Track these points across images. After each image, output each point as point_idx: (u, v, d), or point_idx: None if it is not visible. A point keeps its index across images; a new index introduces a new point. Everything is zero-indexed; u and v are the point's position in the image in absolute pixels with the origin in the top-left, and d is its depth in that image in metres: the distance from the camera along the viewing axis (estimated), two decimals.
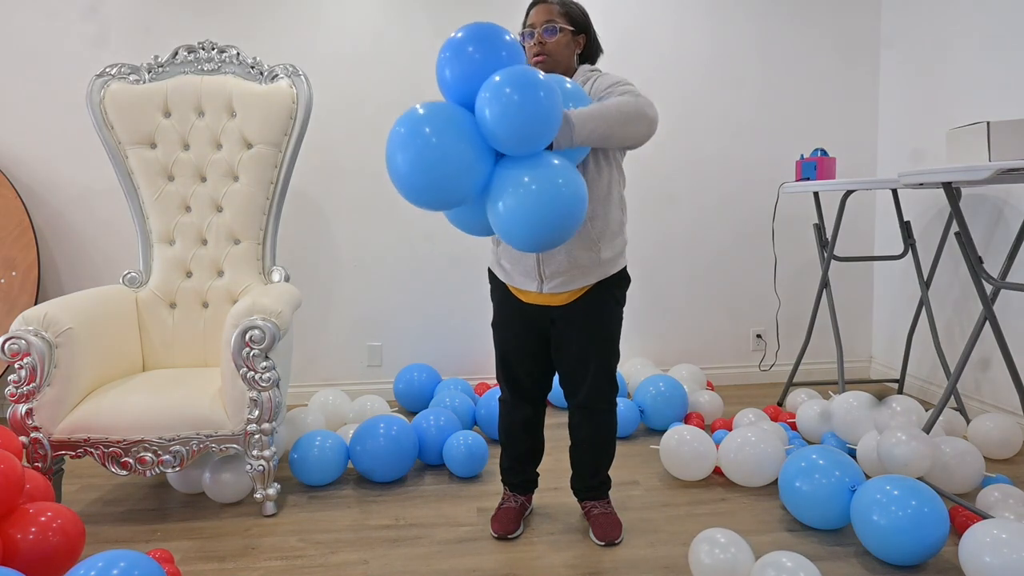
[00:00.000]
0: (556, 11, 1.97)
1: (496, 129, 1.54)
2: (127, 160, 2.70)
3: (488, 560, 2.02)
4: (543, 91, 1.53)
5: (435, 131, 1.54)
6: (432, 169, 1.54)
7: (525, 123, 1.52)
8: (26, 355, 2.15)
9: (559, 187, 1.56)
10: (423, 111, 1.58)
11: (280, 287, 2.57)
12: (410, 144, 1.55)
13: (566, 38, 1.97)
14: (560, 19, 1.96)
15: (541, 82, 1.54)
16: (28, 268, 3.23)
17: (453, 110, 1.60)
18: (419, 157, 1.54)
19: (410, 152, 1.54)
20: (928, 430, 2.38)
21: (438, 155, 1.53)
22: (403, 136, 1.56)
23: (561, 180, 1.56)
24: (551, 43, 1.95)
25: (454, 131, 1.56)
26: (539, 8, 1.98)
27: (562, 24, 1.96)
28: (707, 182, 3.70)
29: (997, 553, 1.66)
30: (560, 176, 1.57)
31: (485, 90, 1.55)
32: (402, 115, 1.60)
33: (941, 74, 3.24)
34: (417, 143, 1.54)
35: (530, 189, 1.55)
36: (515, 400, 2.16)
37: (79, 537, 1.80)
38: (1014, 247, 2.64)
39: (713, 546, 1.79)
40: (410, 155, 1.54)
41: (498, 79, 1.54)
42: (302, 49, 3.41)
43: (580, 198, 1.59)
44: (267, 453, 2.28)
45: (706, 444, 2.48)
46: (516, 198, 1.55)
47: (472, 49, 1.62)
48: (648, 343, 3.74)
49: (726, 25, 3.63)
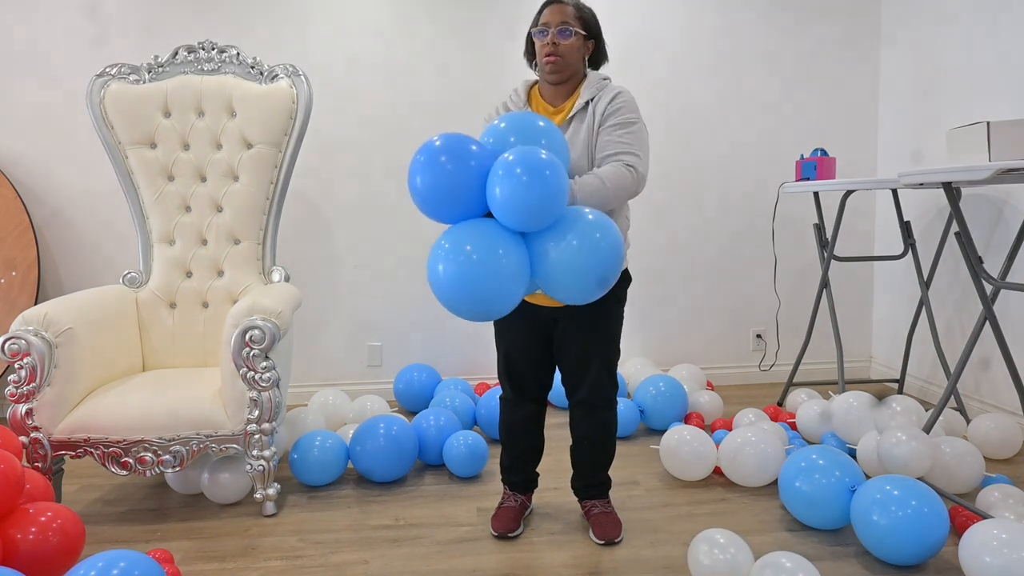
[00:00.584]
0: (571, 13, 1.96)
1: (515, 212, 1.58)
2: (127, 160, 2.70)
3: (488, 560, 2.02)
4: (549, 171, 1.57)
5: (476, 250, 1.58)
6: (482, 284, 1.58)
7: (540, 202, 1.57)
8: (26, 355, 2.15)
9: (598, 240, 1.62)
10: (460, 233, 1.61)
11: (280, 287, 2.57)
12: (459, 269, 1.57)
13: (578, 42, 1.97)
14: (575, 22, 1.96)
15: (547, 162, 1.58)
16: (28, 268, 3.23)
17: (484, 225, 1.63)
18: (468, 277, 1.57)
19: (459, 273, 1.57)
20: (928, 430, 2.38)
21: (485, 272, 1.57)
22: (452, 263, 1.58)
23: (599, 234, 1.62)
24: (564, 45, 1.95)
25: (495, 244, 1.59)
26: (554, 8, 1.97)
27: (576, 28, 1.96)
28: (707, 182, 3.70)
29: (997, 553, 1.66)
30: (597, 230, 1.62)
31: (499, 171, 1.58)
32: (443, 238, 1.62)
33: (941, 74, 3.24)
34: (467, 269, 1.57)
35: (572, 246, 1.60)
36: (517, 398, 2.16)
37: (79, 537, 1.80)
38: (1014, 247, 2.64)
39: (712, 546, 1.79)
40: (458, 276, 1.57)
41: (511, 158, 1.58)
42: (302, 49, 3.41)
43: (619, 242, 1.66)
44: (267, 453, 2.28)
45: (706, 444, 2.48)
46: (564, 262, 1.61)
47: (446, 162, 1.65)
48: (648, 343, 3.74)
49: (726, 25, 3.63)
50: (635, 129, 1.93)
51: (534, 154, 1.58)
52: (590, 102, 1.97)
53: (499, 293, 1.58)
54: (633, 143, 1.92)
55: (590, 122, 1.95)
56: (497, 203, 1.59)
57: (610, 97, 1.96)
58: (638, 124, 1.95)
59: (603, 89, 1.99)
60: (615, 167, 1.88)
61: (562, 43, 1.94)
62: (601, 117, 1.94)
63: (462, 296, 1.58)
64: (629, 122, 1.93)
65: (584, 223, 1.62)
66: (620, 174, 1.87)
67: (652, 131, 3.60)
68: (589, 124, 1.95)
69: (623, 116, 1.93)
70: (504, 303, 1.60)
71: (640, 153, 1.92)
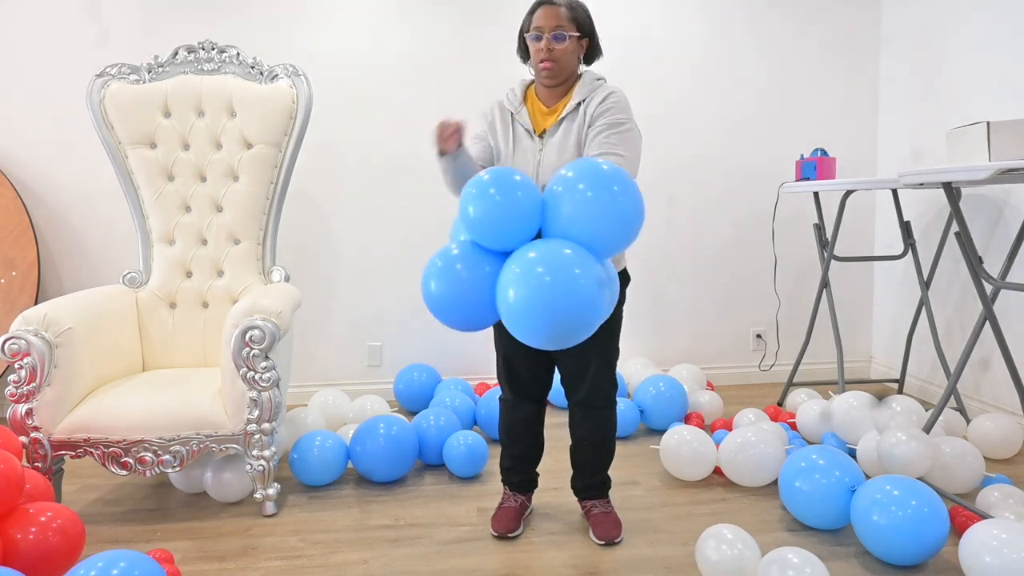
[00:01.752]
0: (564, 16, 1.93)
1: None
2: (127, 160, 2.70)
3: (488, 560, 2.02)
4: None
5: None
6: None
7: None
8: (26, 355, 2.15)
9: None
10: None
11: (280, 287, 2.57)
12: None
13: (572, 44, 1.95)
14: (569, 24, 1.93)
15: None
16: (28, 268, 3.23)
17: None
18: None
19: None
20: (928, 430, 2.38)
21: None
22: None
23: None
24: (559, 50, 1.93)
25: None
26: (547, 11, 1.93)
27: (570, 31, 1.93)
28: (707, 182, 3.70)
29: (997, 553, 1.66)
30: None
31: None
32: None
33: (941, 74, 3.24)
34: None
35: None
36: (516, 399, 2.16)
37: (79, 537, 1.80)
38: (1014, 247, 2.64)
39: (720, 542, 1.79)
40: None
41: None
42: (302, 49, 3.41)
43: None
44: (267, 453, 2.28)
45: (706, 444, 2.48)
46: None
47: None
48: (648, 343, 3.74)
49: (726, 25, 3.63)
50: (622, 130, 1.90)
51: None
52: (582, 103, 1.96)
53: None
54: (618, 144, 1.88)
55: (580, 122, 1.94)
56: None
57: (601, 98, 1.94)
58: (626, 125, 1.91)
59: (596, 90, 1.97)
60: None
61: (557, 48, 1.92)
62: (591, 118, 1.93)
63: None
64: (617, 123, 1.90)
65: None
66: None
67: (652, 132, 3.60)
68: (579, 125, 1.94)
69: (612, 117, 1.91)
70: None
71: (625, 154, 1.88)
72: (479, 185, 1.62)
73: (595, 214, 1.56)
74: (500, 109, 2.07)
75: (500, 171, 1.65)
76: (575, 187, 1.58)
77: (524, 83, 2.09)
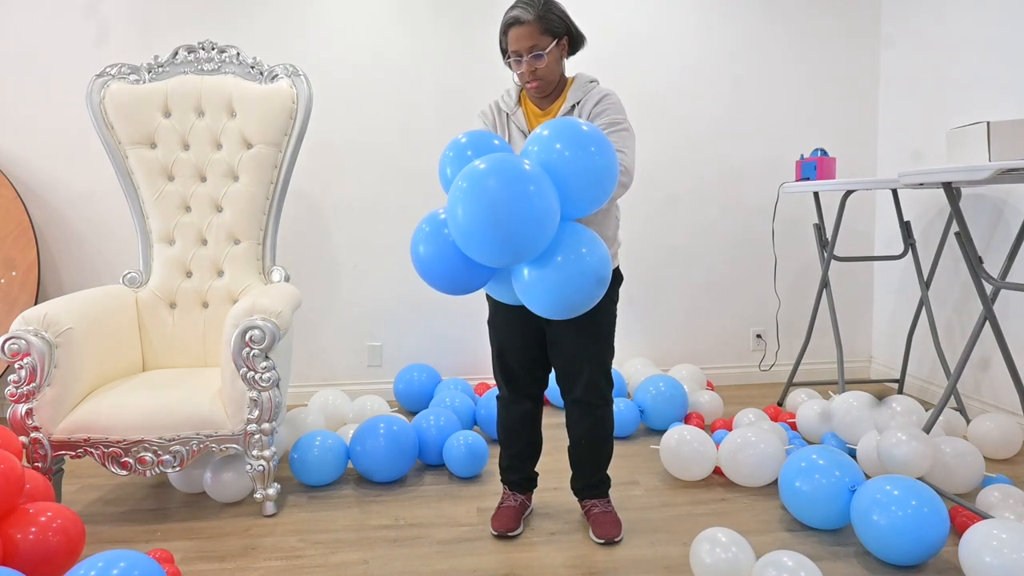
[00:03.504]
0: (537, 31, 1.89)
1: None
2: (127, 160, 2.70)
3: (488, 560, 2.02)
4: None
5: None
6: None
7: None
8: (26, 355, 2.15)
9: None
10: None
11: (280, 287, 2.57)
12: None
13: (552, 56, 1.93)
14: (543, 39, 1.90)
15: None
16: (28, 268, 3.23)
17: None
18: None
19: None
20: (928, 430, 2.38)
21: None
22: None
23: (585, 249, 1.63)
24: (542, 68, 1.92)
25: None
26: (518, 32, 1.89)
27: (547, 46, 1.90)
28: (707, 182, 3.70)
29: (997, 553, 1.66)
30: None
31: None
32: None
33: (941, 74, 3.23)
34: None
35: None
36: (513, 396, 2.16)
37: (79, 537, 1.80)
38: (1014, 247, 2.64)
39: (714, 545, 1.79)
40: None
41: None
42: (302, 49, 3.41)
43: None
44: (267, 453, 2.28)
45: (706, 444, 2.48)
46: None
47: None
48: (648, 343, 3.74)
49: (726, 25, 3.63)
50: (620, 129, 1.93)
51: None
52: (576, 105, 1.97)
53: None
54: (618, 142, 1.91)
55: None
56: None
57: (596, 100, 1.96)
58: (623, 124, 1.94)
59: (590, 92, 1.99)
60: None
61: (540, 67, 1.92)
62: (587, 119, 1.94)
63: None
64: (615, 123, 1.93)
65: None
66: None
67: (652, 131, 3.61)
68: None
69: (609, 117, 1.94)
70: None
71: (626, 151, 1.91)
72: (456, 147, 1.66)
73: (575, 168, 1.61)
74: (496, 110, 2.08)
75: (478, 134, 1.68)
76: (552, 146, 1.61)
77: (518, 85, 2.09)
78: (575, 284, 1.62)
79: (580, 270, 1.62)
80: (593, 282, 1.63)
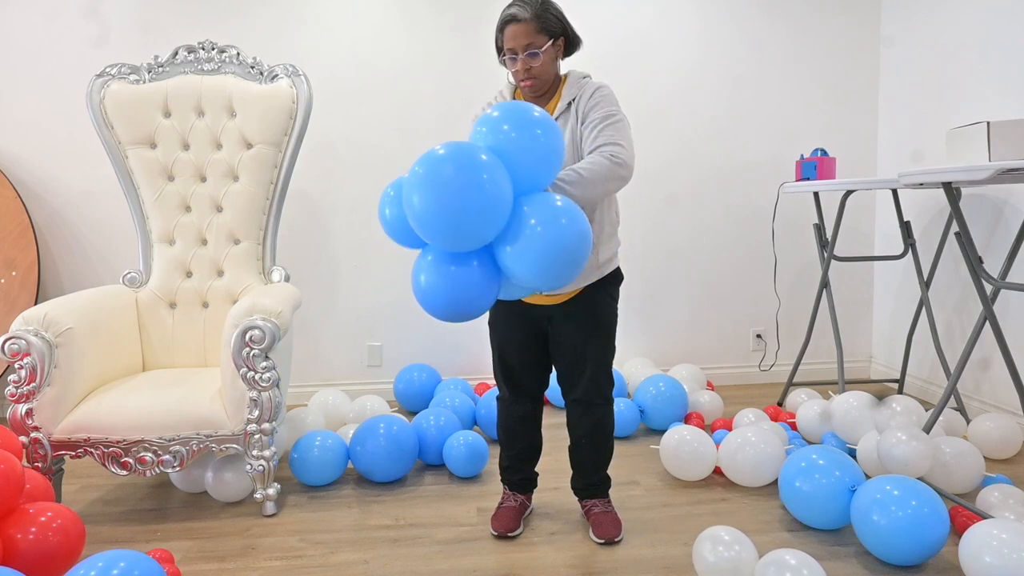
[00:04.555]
0: (533, 30, 1.89)
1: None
2: (127, 160, 2.70)
3: (488, 560, 2.02)
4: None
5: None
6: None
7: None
8: (26, 355, 2.15)
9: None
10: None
11: (280, 287, 2.57)
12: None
13: (548, 55, 1.93)
14: (539, 37, 1.90)
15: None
16: (28, 268, 3.23)
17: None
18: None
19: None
20: (928, 430, 2.38)
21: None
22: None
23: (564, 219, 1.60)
24: (537, 67, 1.92)
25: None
26: (514, 30, 1.89)
27: (543, 44, 1.91)
28: (707, 182, 3.70)
29: (997, 553, 1.66)
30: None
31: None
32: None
33: (941, 74, 3.23)
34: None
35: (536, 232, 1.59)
36: (513, 397, 2.16)
37: (79, 537, 1.80)
38: (1014, 247, 2.64)
39: (717, 543, 1.79)
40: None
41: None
42: (302, 49, 3.41)
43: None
44: (267, 453, 2.28)
45: (706, 444, 2.47)
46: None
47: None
48: (648, 343, 3.74)
49: (726, 25, 3.63)
50: (615, 121, 1.93)
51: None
52: (572, 102, 1.97)
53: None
54: (614, 134, 1.90)
55: (574, 123, 1.96)
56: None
57: (590, 94, 1.95)
58: (618, 116, 1.94)
59: (584, 87, 1.98)
60: (592, 157, 1.87)
61: (535, 65, 1.92)
62: (583, 114, 1.95)
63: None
64: (609, 115, 1.93)
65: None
66: (597, 162, 1.84)
67: (652, 131, 3.61)
68: (573, 125, 1.95)
69: (603, 110, 1.93)
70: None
71: (624, 143, 1.90)
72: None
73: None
74: None
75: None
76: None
77: (511, 85, 2.08)
78: (561, 243, 1.60)
79: (559, 231, 1.60)
80: (575, 237, 1.61)
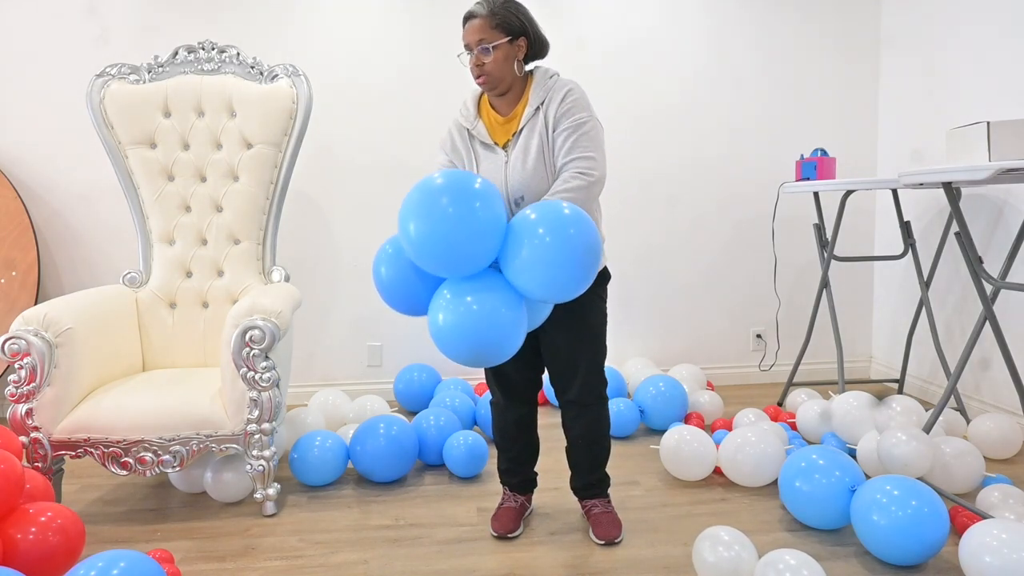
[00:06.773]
0: (488, 26, 1.89)
1: None
2: (127, 160, 2.70)
3: (488, 560, 2.02)
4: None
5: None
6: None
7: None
8: (26, 355, 2.15)
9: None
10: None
11: (280, 287, 2.57)
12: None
13: (503, 52, 1.91)
14: (494, 34, 1.89)
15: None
16: (28, 268, 3.23)
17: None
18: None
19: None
20: (928, 430, 2.38)
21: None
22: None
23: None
24: (489, 63, 1.91)
25: None
26: (471, 26, 1.91)
27: (496, 40, 1.90)
28: (707, 182, 3.70)
29: (997, 553, 1.66)
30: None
31: None
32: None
33: (941, 74, 3.23)
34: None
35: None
36: (508, 401, 2.16)
37: (79, 537, 1.80)
38: (1014, 247, 2.64)
39: (717, 543, 1.79)
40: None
41: None
42: (302, 49, 3.41)
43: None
44: (267, 453, 2.28)
45: (706, 444, 2.47)
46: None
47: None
48: (648, 343, 3.74)
49: (726, 25, 3.63)
50: (587, 129, 1.90)
51: None
52: (540, 107, 1.94)
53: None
54: (588, 145, 1.89)
55: (542, 128, 1.92)
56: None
57: (560, 98, 1.92)
58: (590, 123, 1.91)
59: (552, 89, 1.95)
60: (564, 178, 1.88)
61: (486, 62, 1.91)
62: (554, 121, 1.92)
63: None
64: (580, 123, 1.90)
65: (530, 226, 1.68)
66: (575, 187, 1.86)
67: (652, 132, 3.62)
68: (541, 131, 1.92)
69: (574, 117, 1.90)
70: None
71: (594, 154, 1.89)
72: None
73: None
74: (457, 128, 2.04)
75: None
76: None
77: (475, 95, 2.07)
78: (566, 256, 1.66)
79: (564, 241, 1.66)
80: (582, 250, 1.67)
